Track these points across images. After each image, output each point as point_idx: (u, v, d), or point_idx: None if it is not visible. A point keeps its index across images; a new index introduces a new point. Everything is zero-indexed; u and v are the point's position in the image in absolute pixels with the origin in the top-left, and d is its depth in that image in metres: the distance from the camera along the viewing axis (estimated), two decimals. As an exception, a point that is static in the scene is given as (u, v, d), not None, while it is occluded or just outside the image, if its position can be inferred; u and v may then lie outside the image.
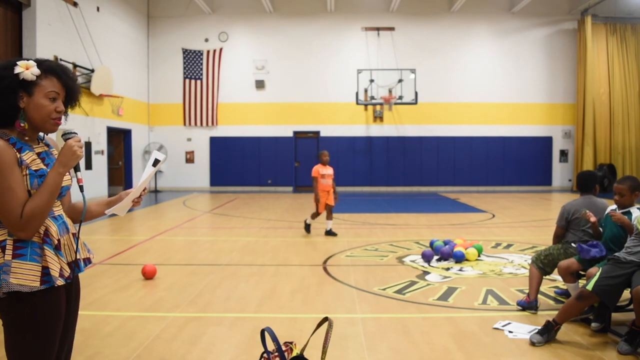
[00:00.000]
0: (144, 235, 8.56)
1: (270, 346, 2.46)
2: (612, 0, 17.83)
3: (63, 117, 2.02)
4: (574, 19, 18.69)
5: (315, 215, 8.54)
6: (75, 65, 13.26)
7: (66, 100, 2.02)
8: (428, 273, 5.85)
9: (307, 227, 8.61)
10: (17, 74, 1.88)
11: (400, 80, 16.62)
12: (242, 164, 18.77)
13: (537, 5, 18.29)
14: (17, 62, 1.90)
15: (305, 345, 2.55)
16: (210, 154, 18.82)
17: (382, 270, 6.03)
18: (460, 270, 6.00)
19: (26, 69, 1.89)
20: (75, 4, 13.32)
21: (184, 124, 18.74)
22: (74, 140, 1.93)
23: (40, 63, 1.94)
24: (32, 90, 1.90)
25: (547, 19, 18.80)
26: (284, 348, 2.48)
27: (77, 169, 1.99)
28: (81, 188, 2.00)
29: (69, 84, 2.00)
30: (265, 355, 2.45)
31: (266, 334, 2.42)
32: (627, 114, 18.40)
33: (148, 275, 5.54)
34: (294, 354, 2.47)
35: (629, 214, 3.98)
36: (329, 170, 8.45)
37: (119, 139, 16.84)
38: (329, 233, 8.44)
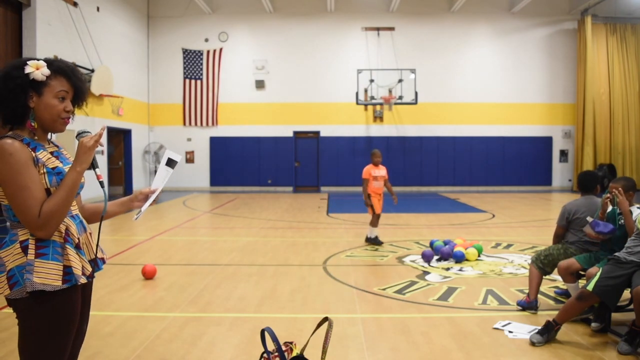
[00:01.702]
0: (144, 235, 8.56)
1: (270, 346, 2.46)
2: (612, 0, 17.83)
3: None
4: (574, 19, 18.69)
5: (375, 220, 7.61)
6: (75, 65, 13.22)
7: (73, 100, 2.03)
8: (428, 273, 5.85)
9: (376, 239, 7.59)
10: (28, 74, 1.89)
11: (400, 80, 16.61)
12: (242, 164, 18.77)
13: (537, 5, 18.28)
14: (28, 62, 1.91)
15: (305, 345, 2.55)
16: (210, 154, 18.81)
17: (382, 270, 6.03)
18: (460, 270, 5.99)
19: (36, 69, 1.90)
20: (75, 4, 13.31)
21: (184, 124, 18.73)
22: (87, 138, 1.94)
23: (50, 63, 1.95)
24: (42, 90, 1.92)
25: (547, 19, 18.80)
26: (284, 348, 2.48)
27: (95, 165, 2.00)
28: (101, 184, 2.02)
29: (77, 84, 2.02)
30: (265, 355, 2.45)
31: (266, 334, 2.42)
32: (627, 114, 18.39)
33: (148, 275, 5.54)
34: (294, 354, 2.47)
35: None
36: (381, 172, 7.65)
37: (119, 139, 16.83)
38: (374, 241, 7.57)
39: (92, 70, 13.94)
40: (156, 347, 3.64)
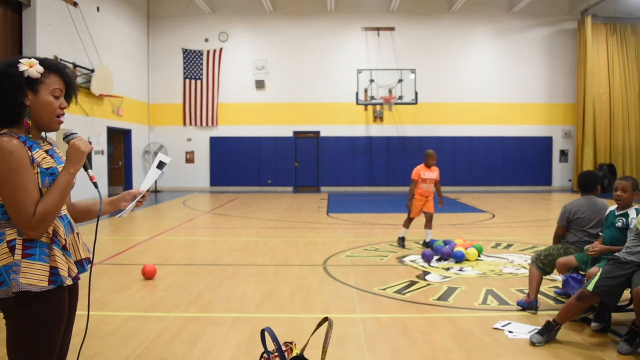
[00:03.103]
0: (144, 235, 8.56)
1: (270, 346, 2.46)
2: (612, 0, 17.82)
3: None
4: (574, 19, 18.69)
5: (408, 221, 7.47)
6: (75, 65, 13.25)
7: (65, 98, 2.03)
8: (428, 273, 5.85)
9: (401, 241, 7.44)
10: (22, 72, 1.89)
11: (400, 80, 16.61)
12: (242, 164, 18.76)
13: (537, 5, 18.28)
14: (20, 60, 1.90)
15: (305, 345, 2.55)
16: (210, 154, 18.81)
17: (382, 270, 6.03)
18: (460, 270, 5.99)
19: (30, 67, 1.90)
20: (75, 4, 13.31)
21: (184, 124, 18.73)
22: (78, 139, 1.96)
23: (41, 61, 1.95)
24: (37, 87, 1.91)
25: (547, 19, 18.80)
26: (284, 348, 2.48)
27: (87, 167, 2.01)
28: (95, 185, 2.02)
29: (69, 81, 2.02)
30: (265, 355, 2.45)
31: (266, 334, 2.42)
32: (627, 114, 18.39)
33: (148, 275, 5.54)
34: (294, 354, 2.47)
35: (626, 215, 3.98)
36: (432, 174, 7.44)
37: (119, 139, 16.84)
38: (428, 245, 7.29)
39: (92, 70, 13.94)
40: (156, 347, 3.64)
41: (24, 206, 1.81)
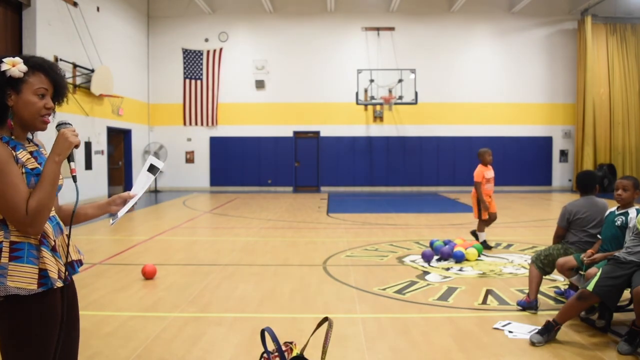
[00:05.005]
0: (144, 235, 8.56)
1: (270, 346, 2.46)
2: (612, 0, 17.82)
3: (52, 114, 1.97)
4: (574, 19, 18.69)
5: (484, 224, 7.35)
6: (75, 65, 13.25)
7: (53, 97, 1.97)
8: (428, 273, 5.85)
9: (484, 243, 7.24)
10: (4, 72, 1.83)
11: (400, 80, 16.59)
12: (242, 164, 18.76)
13: (537, 5, 18.28)
14: (3, 60, 1.85)
15: (305, 345, 2.55)
16: (210, 154, 18.81)
17: (382, 270, 6.03)
18: (460, 270, 5.99)
19: (12, 66, 1.84)
20: (75, 4, 13.31)
21: (184, 124, 18.73)
22: (68, 129, 1.91)
23: (26, 59, 1.89)
24: (20, 87, 1.86)
25: (547, 19, 18.80)
26: (284, 348, 2.48)
27: (70, 159, 1.95)
28: (74, 178, 1.95)
29: (56, 79, 1.96)
30: (265, 355, 2.45)
31: (266, 334, 2.42)
32: (627, 114, 18.39)
33: (148, 275, 5.54)
34: (294, 354, 2.47)
35: (625, 214, 3.98)
36: (491, 173, 7.31)
37: (119, 139, 16.83)
38: (483, 244, 7.14)
39: (92, 70, 13.94)
40: (156, 347, 3.64)
41: (15, 204, 1.77)
